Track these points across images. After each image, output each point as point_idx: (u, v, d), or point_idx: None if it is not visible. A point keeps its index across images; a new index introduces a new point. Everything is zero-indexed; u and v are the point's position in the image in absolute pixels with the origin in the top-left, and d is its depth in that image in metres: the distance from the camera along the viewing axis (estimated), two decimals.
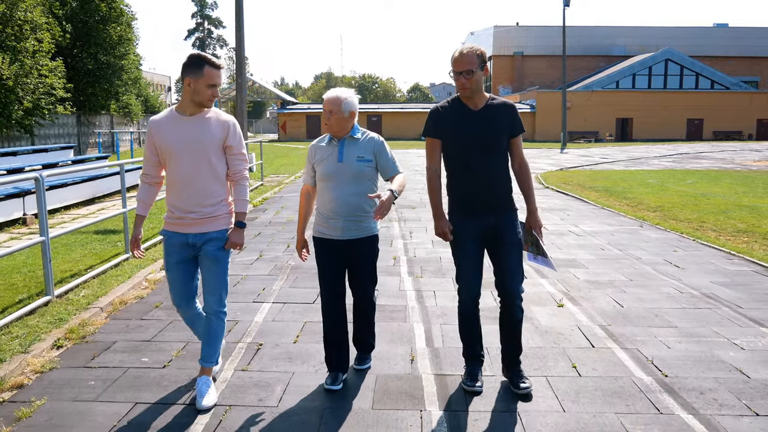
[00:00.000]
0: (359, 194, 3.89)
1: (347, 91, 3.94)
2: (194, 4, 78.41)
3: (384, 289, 6.39)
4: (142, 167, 3.92)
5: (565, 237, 9.37)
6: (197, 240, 3.82)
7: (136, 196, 3.98)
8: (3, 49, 22.27)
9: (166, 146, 3.75)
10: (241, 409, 3.76)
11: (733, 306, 5.84)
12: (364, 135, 4.01)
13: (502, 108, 3.87)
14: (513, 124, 3.88)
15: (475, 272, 3.95)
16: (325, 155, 3.96)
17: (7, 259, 7.65)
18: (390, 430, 3.51)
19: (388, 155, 4.02)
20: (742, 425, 3.57)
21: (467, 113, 3.84)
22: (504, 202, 3.90)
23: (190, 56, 3.68)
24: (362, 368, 4.33)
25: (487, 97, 3.89)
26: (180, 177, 3.75)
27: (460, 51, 3.76)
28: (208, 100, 3.73)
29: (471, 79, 3.72)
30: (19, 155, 15.06)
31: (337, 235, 3.96)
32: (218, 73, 3.70)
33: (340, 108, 3.87)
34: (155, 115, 3.85)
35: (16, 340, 4.83)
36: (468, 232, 3.89)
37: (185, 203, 3.78)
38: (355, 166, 3.89)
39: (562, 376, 4.25)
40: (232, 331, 5.16)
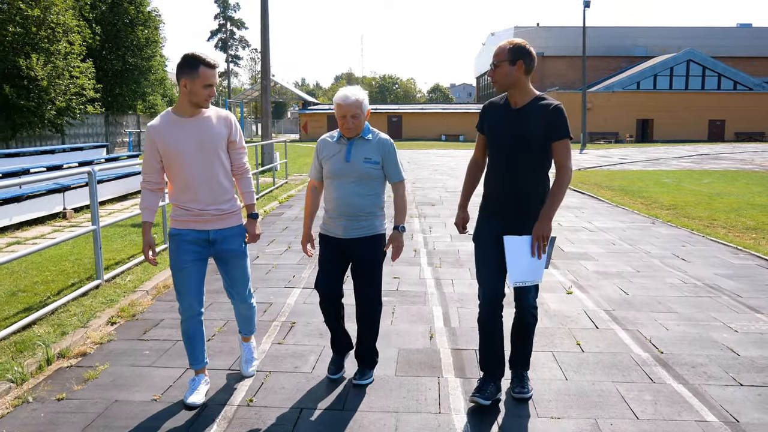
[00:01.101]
0: (362, 195, 3.86)
1: (360, 91, 3.87)
2: (217, 5, 79.36)
3: (405, 278, 6.86)
4: (143, 174, 3.81)
5: (578, 233, 9.77)
6: (217, 236, 3.80)
7: (140, 204, 3.85)
8: (37, 51, 23.10)
9: (172, 150, 3.66)
10: (279, 374, 4.27)
11: (733, 295, 6.23)
12: (375, 136, 3.96)
13: (543, 109, 3.57)
14: (551, 127, 3.55)
15: (491, 276, 3.78)
16: (333, 152, 3.92)
17: (55, 248, 8.24)
18: (411, 392, 4.00)
19: (395, 160, 3.98)
20: (726, 393, 4.00)
21: (506, 111, 3.69)
22: (531, 207, 3.63)
23: (184, 57, 3.59)
24: (363, 383, 4.12)
25: (533, 96, 3.63)
26: (194, 178, 3.69)
27: (498, 44, 3.64)
28: (204, 100, 3.65)
29: (497, 71, 3.59)
30: (57, 153, 15.74)
31: (339, 234, 3.94)
32: (213, 73, 3.61)
33: (361, 110, 3.83)
34: (152, 121, 3.75)
35: (75, 317, 5.39)
36: (488, 235, 3.77)
37: (203, 202, 3.73)
38: (362, 167, 3.84)
39: (567, 352, 4.70)
40: (267, 311, 5.67)
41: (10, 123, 23.02)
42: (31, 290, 6.26)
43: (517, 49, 3.55)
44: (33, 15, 22.63)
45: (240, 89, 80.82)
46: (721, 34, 64.04)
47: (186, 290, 3.83)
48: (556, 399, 3.91)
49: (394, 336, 5.02)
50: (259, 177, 15.06)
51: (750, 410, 3.76)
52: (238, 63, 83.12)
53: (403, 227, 3.96)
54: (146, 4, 33.74)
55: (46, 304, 5.66)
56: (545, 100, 3.60)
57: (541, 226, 3.55)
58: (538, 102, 3.60)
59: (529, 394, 3.90)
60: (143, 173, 3.80)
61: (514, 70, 3.55)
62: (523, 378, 3.95)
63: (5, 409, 3.79)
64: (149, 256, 3.82)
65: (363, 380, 4.11)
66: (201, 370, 4.00)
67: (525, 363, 3.97)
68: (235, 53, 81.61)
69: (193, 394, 3.82)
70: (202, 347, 3.98)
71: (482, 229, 3.83)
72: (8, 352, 4.54)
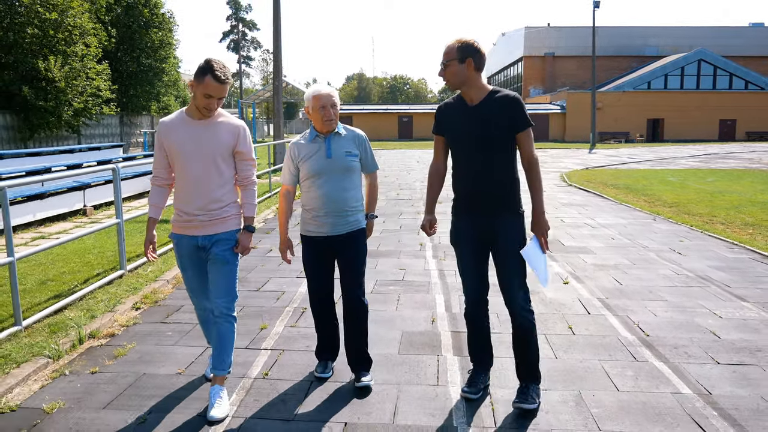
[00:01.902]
0: (348, 189, 3.92)
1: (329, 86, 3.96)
2: (229, 6, 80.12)
3: (410, 270, 7.23)
4: (153, 170, 3.89)
5: (580, 228, 10.10)
6: (206, 242, 3.78)
7: (148, 200, 3.95)
8: (54, 53, 23.64)
9: (175, 149, 3.71)
10: (292, 352, 4.65)
11: (723, 285, 6.54)
12: (348, 130, 4.02)
13: (501, 102, 3.60)
14: (514, 118, 3.58)
15: (472, 275, 3.85)
16: (312, 152, 3.91)
17: (78, 242, 8.67)
18: (413, 368, 4.37)
19: (370, 151, 4.12)
20: (703, 370, 4.33)
21: (464, 109, 3.70)
22: (502, 203, 3.70)
23: (204, 61, 3.60)
24: (363, 385, 4.03)
25: (487, 91, 3.66)
26: (189, 180, 3.72)
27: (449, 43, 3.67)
28: (203, 107, 3.63)
29: (446, 71, 3.64)
30: (76, 152, 16.24)
31: (326, 231, 3.95)
32: (217, 86, 3.56)
33: (337, 100, 3.91)
34: (165, 118, 3.81)
35: (102, 302, 5.80)
36: (464, 234, 3.82)
37: (193, 206, 3.74)
38: (345, 161, 3.90)
39: (558, 334, 5.05)
40: (280, 299, 6.05)
41: (28, 123, 23.55)
42: (59, 279, 6.69)
43: (466, 47, 3.58)
44: (51, 18, 23.15)
45: (252, 90, 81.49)
46: (732, 33, 63.89)
47: (191, 289, 3.99)
48: (545, 374, 4.25)
49: (399, 320, 5.39)
50: (271, 176, 15.46)
51: (723, 384, 4.10)
52: (250, 64, 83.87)
53: (375, 215, 4.18)
54: (160, 6, 34.29)
55: (75, 292, 6.08)
56: (500, 92, 3.63)
57: (540, 224, 3.67)
58: (494, 96, 3.62)
59: (533, 405, 3.70)
60: (153, 168, 3.89)
61: (464, 68, 3.59)
62: (528, 390, 3.76)
63: (45, 380, 4.19)
64: (148, 253, 3.87)
65: (362, 383, 4.02)
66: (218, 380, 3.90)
67: (534, 376, 3.81)
68: (247, 54, 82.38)
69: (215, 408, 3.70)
70: (217, 350, 3.91)
71: (459, 229, 3.86)
72: (43, 333, 4.95)
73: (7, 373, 4.19)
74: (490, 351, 4.03)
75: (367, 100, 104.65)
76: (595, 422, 3.60)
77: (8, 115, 22.78)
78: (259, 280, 6.76)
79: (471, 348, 4.02)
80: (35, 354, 4.50)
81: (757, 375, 4.25)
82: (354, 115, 54.26)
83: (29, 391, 4.04)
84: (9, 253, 4.98)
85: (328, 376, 4.19)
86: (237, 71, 79.55)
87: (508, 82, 76.29)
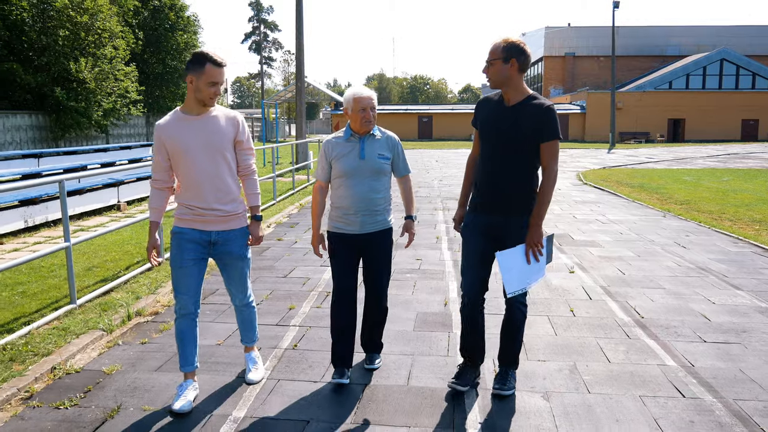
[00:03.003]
0: (377, 190, 3.97)
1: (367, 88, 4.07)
2: (251, 8, 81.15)
3: (426, 260, 7.73)
4: (152, 174, 3.86)
5: (590, 224, 10.52)
6: (219, 237, 3.81)
7: (149, 203, 3.92)
8: (85, 55, 24.48)
9: (178, 148, 3.69)
10: (318, 329, 5.18)
11: (721, 276, 6.96)
12: (383, 133, 4.08)
13: (534, 109, 3.63)
14: (541, 128, 3.61)
15: (474, 271, 3.90)
16: (345, 152, 3.98)
17: (116, 234, 9.29)
18: (425, 342, 4.87)
19: (403, 155, 4.17)
20: (690, 347, 4.78)
21: (500, 108, 3.76)
22: (515, 204, 3.74)
23: (194, 54, 3.66)
24: (374, 367, 4.34)
25: (526, 95, 3.70)
26: (199, 176, 3.70)
27: (493, 42, 3.71)
28: (209, 98, 3.66)
29: (491, 68, 3.67)
30: (109, 151, 16.94)
31: (355, 230, 4.01)
32: (219, 71, 3.62)
33: (376, 103, 3.99)
34: (160, 120, 3.77)
35: (144, 286, 6.38)
36: (474, 229, 3.88)
37: (206, 201, 3.73)
38: (377, 163, 3.96)
39: (560, 316, 5.52)
40: (306, 284, 6.59)
41: (60, 124, 24.39)
42: (103, 266, 7.29)
43: (511, 47, 3.61)
44: (82, 21, 23.99)
45: (273, 90, 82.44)
46: (756, 32, 63.39)
47: (184, 289, 3.81)
48: (545, 348, 4.74)
49: (414, 303, 5.90)
50: (294, 174, 16.03)
51: (706, 359, 4.55)
52: (271, 65, 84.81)
53: (415, 216, 4.21)
54: (185, 9, 35.14)
55: (119, 277, 6.67)
56: (538, 99, 3.65)
57: (532, 234, 3.65)
58: (531, 101, 3.66)
59: (510, 392, 3.89)
60: (152, 172, 3.85)
61: (507, 68, 3.62)
62: (507, 375, 3.95)
63: (102, 349, 4.76)
64: (152, 257, 3.82)
65: (373, 365, 4.34)
66: (191, 374, 3.94)
67: (513, 362, 3.99)
68: (269, 55, 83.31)
69: (179, 400, 3.76)
70: (194, 349, 3.93)
71: (468, 222, 3.94)
72: (96, 311, 5.53)
73: (68, 342, 4.76)
74: (483, 348, 4.09)
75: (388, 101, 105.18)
76: (585, 386, 4.07)
77: (41, 115, 23.64)
78: (286, 268, 7.31)
79: (464, 344, 4.07)
80: (90, 328, 5.07)
81: (738, 352, 4.69)
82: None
83: (89, 357, 4.62)
84: (66, 239, 5.57)
85: (346, 383, 4.11)
86: (259, 72, 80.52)
87: (528, 82, 76.40)
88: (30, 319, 5.32)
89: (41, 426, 3.57)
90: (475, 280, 3.89)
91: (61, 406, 3.81)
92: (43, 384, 4.13)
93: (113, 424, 3.58)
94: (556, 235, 9.48)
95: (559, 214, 11.70)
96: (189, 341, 3.90)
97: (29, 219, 10.05)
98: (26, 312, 5.55)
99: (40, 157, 13.78)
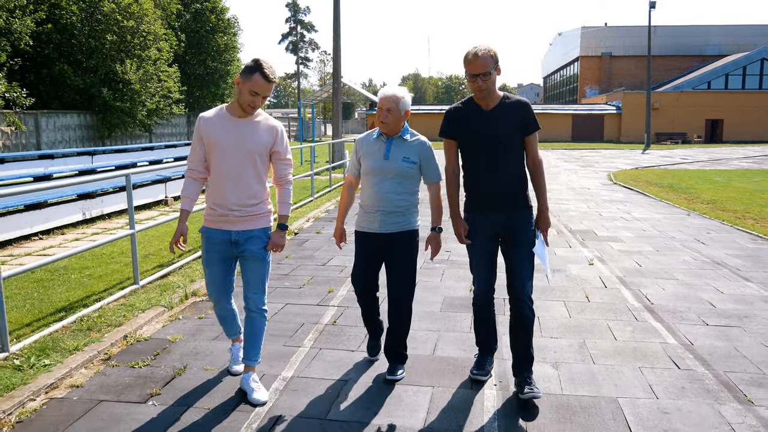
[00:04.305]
0: (399, 192, 3.99)
1: (403, 90, 4.04)
2: (288, 9, 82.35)
3: (455, 252, 8.26)
4: (188, 162, 3.94)
5: (615, 221, 10.92)
6: (240, 237, 3.86)
7: (182, 192, 4.00)
8: (130, 57, 25.57)
9: (214, 143, 3.77)
10: (354, 308, 5.74)
11: (734, 269, 7.35)
12: (414, 137, 4.08)
13: (515, 107, 3.85)
14: (525, 122, 3.84)
15: (486, 268, 4.02)
16: (372, 150, 4.04)
17: (165, 226, 10.02)
18: (450, 321, 5.43)
19: (434, 161, 4.11)
20: (692, 329, 5.24)
21: (480, 113, 3.87)
22: (516, 200, 3.92)
23: (252, 60, 3.72)
24: (395, 378, 4.17)
25: (500, 97, 3.88)
26: (225, 176, 3.78)
27: (475, 53, 3.71)
28: (247, 104, 3.72)
29: (488, 80, 3.72)
30: (155, 149, 17.80)
31: (376, 228, 4.04)
32: (264, 84, 3.68)
33: (398, 106, 3.96)
34: (206, 112, 3.87)
35: (197, 271, 7.06)
36: (479, 229, 3.98)
37: (228, 201, 3.81)
38: (400, 165, 3.96)
39: (576, 301, 6.02)
40: (343, 271, 7.18)
41: (106, 123, 25.51)
42: (158, 254, 7.99)
43: (496, 56, 3.75)
44: (128, 25, 25.06)
45: (309, 90, 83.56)
46: None
47: (213, 287, 4.03)
48: (558, 327, 5.25)
49: (442, 288, 6.45)
50: (330, 172, 16.68)
51: (705, 339, 5.01)
52: (308, 65, 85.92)
53: (440, 228, 4.09)
54: (226, 12, 36.18)
55: (173, 263, 7.36)
56: (510, 98, 3.89)
57: (545, 220, 3.93)
58: (506, 101, 3.87)
59: (538, 394, 3.85)
60: (188, 161, 3.94)
61: (497, 76, 3.80)
62: (529, 377, 3.97)
63: (164, 323, 5.43)
64: (178, 243, 3.95)
65: (394, 376, 4.17)
66: (238, 339, 4.37)
67: (529, 366, 4.01)
68: (305, 55, 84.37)
69: (238, 364, 4.30)
70: (235, 322, 4.28)
71: (473, 225, 4.01)
72: (156, 291, 6.21)
73: (135, 316, 5.43)
74: (495, 336, 4.30)
75: (422, 101, 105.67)
76: (591, 359, 4.58)
77: (88, 115, 24.75)
78: (324, 258, 7.92)
79: (478, 335, 4.27)
80: (153, 305, 5.74)
81: (737, 334, 5.13)
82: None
83: (154, 328, 5.28)
84: (131, 226, 6.27)
85: (375, 359, 4.56)
86: (295, 72, 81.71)
87: (564, 82, 76.10)
88: (100, 297, 6.02)
89: (121, 380, 4.22)
90: (487, 274, 4.02)
91: (136, 365, 4.47)
92: (119, 348, 4.80)
93: (181, 380, 4.22)
94: (580, 231, 9.92)
95: (585, 212, 12.11)
96: (229, 320, 4.24)
97: (87, 212, 10.85)
98: (95, 291, 6.25)
99: (94, 154, 14.66)
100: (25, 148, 20.58)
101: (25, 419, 3.68)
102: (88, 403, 3.88)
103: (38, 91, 23.33)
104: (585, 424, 3.62)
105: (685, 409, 3.80)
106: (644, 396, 3.97)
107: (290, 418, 3.70)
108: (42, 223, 9.57)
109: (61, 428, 3.57)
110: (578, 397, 3.96)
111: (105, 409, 3.81)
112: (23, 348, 4.62)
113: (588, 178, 19.59)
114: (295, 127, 55.62)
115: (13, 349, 4.55)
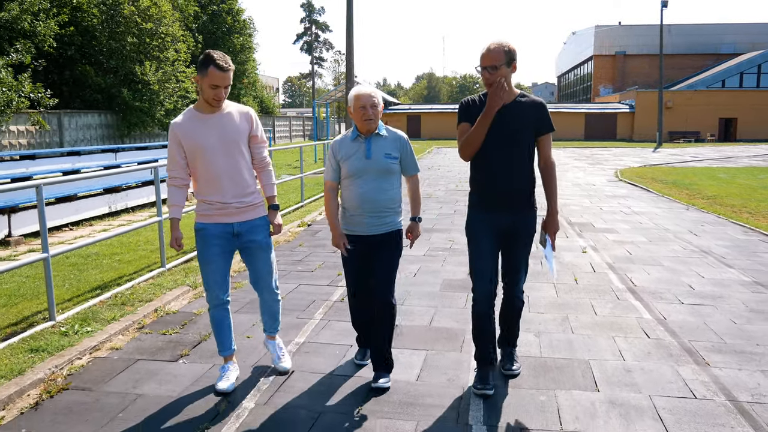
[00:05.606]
0: (384, 190, 3.94)
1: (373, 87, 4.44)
2: (303, 9, 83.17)
3: (456, 241, 8.80)
4: (168, 171, 3.89)
5: (614, 215, 11.40)
6: (242, 228, 3.90)
7: (168, 200, 4.00)
8: (149, 59, 26.35)
9: (195, 146, 3.75)
10: None
11: (719, 257, 7.83)
12: (390, 132, 4.04)
13: (530, 106, 3.81)
14: (540, 122, 3.81)
15: (488, 270, 3.92)
16: (352, 152, 3.95)
17: (186, 217, 10.63)
18: (448, 299, 5.98)
19: (412, 154, 4.09)
20: (669, 307, 5.75)
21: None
22: (522, 200, 3.89)
23: (202, 55, 3.69)
24: (379, 386, 4.01)
25: (516, 94, 3.84)
26: (217, 171, 3.79)
27: (488, 46, 3.70)
28: (212, 99, 3.71)
29: (495, 74, 3.66)
30: None
31: (362, 230, 4.00)
32: (222, 75, 3.65)
33: (380, 101, 3.94)
34: (176, 118, 3.84)
35: None
36: (483, 228, 3.93)
37: (225, 195, 3.83)
38: (383, 162, 3.91)
39: (564, 284, 6.55)
40: None
41: (126, 122, 26.28)
42: None
43: (512, 52, 3.70)
44: (147, 27, 25.82)
45: (323, 90, 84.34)
46: None
47: (213, 283, 3.99)
48: (545, 305, 5.79)
49: (442, 273, 7.00)
50: None
51: (678, 315, 5.52)
52: (322, 65, 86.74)
53: (420, 218, 4.16)
54: (241, 13, 36.94)
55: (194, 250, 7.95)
56: (526, 97, 3.86)
57: (553, 224, 3.93)
58: (521, 99, 3.84)
59: (518, 371, 4.22)
60: (168, 170, 3.88)
61: (509, 71, 3.73)
62: (512, 356, 4.30)
63: (190, 299, 6.04)
64: (176, 245, 4.01)
65: (380, 384, 4.02)
66: (229, 357, 4.16)
67: (513, 342, 4.33)
68: (320, 55, 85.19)
69: (223, 380, 4.02)
70: (229, 335, 4.15)
71: (479, 222, 3.96)
72: (181, 273, 6.82)
73: (163, 293, 6.05)
74: (495, 347, 4.16)
75: (437, 100, 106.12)
76: (571, 330, 5.12)
77: (109, 114, 25.53)
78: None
79: (479, 347, 4.03)
80: (179, 284, 6.35)
81: (709, 311, 5.64)
82: (423, 114, 55.75)
83: (181, 304, 5.89)
84: (158, 214, 6.89)
85: (365, 364, 4.40)
86: (310, 72, 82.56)
87: (578, 81, 76.20)
88: (131, 278, 6.64)
89: (155, 345, 4.83)
90: (487, 281, 3.92)
91: (167, 333, 5.07)
92: (150, 319, 5.41)
93: (207, 344, 4.81)
94: (579, 223, 10.42)
95: (587, 206, 12.59)
96: (224, 328, 4.11)
97: (112, 205, 11.52)
98: (126, 273, 6.88)
99: (117, 152, 15.34)
100: (49, 147, 21.36)
101: (75, 373, 4.29)
102: (127, 361, 4.49)
103: (61, 92, 24.14)
104: (557, 378, 4.17)
105: (647, 368, 4.33)
106: (613, 359, 4.51)
107: (303, 373, 4.28)
108: (72, 214, 10.24)
109: (106, 379, 4.18)
110: (554, 359, 4.51)
111: (142, 365, 4.42)
112: (67, 318, 5.25)
113: (595, 175, 20.01)
114: (309, 126, 56.31)
115: (59, 318, 5.19)
